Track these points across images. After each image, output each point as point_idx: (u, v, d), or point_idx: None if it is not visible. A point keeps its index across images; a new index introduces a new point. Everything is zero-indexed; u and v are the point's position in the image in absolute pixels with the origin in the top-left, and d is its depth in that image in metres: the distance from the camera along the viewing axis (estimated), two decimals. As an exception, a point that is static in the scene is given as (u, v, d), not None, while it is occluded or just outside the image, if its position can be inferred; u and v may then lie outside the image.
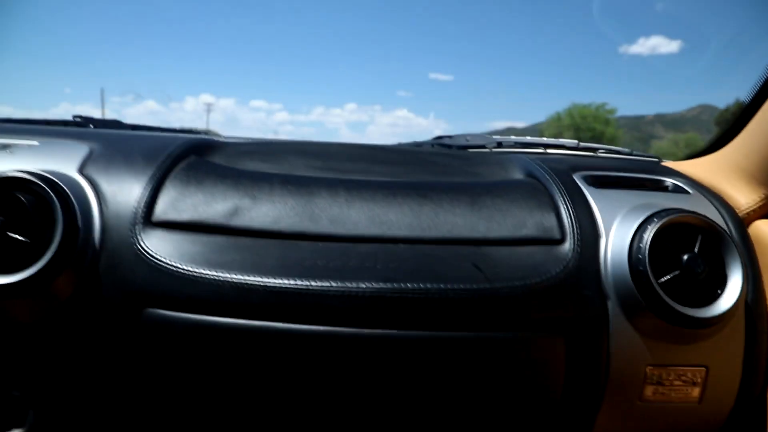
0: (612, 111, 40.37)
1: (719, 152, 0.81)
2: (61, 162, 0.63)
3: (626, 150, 0.97)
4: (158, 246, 0.55)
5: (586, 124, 38.64)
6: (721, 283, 0.61)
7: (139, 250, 0.55)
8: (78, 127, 0.92)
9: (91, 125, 0.93)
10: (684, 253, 0.60)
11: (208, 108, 50.37)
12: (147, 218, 0.57)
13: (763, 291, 0.66)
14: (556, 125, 41.88)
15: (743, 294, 0.60)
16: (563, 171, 0.73)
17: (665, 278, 0.59)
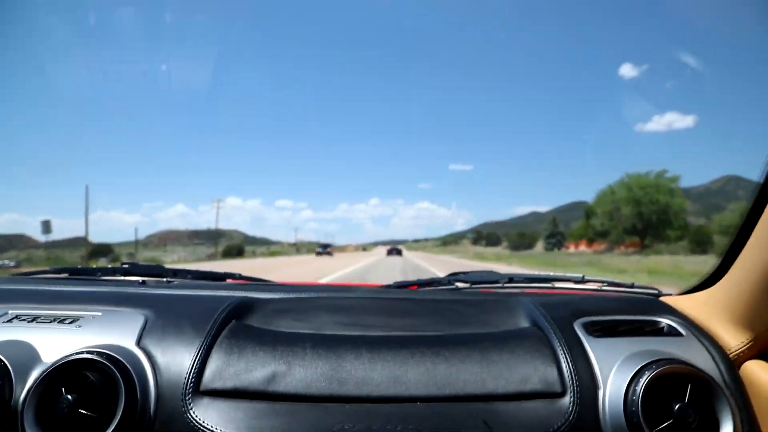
0: (675, 179, 37.59)
1: (712, 289, 0.84)
2: (122, 335, 0.73)
3: (628, 283, 1.04)
4: (205, 414, 0.65)
5: (648, 196, 36.40)
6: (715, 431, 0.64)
7: (188, 419, 0.65)
8: (127, 277, 1.08)
9: (140, 278, 1.07)
10: (676, 402, 0.64)
11: (218, 205, 54.77)
12: (196, 388, 0.68)
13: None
14: (610, 200, 39.64)
15: None
16: (564, 319, 0.80)
17: (659, 428, 0.63)
